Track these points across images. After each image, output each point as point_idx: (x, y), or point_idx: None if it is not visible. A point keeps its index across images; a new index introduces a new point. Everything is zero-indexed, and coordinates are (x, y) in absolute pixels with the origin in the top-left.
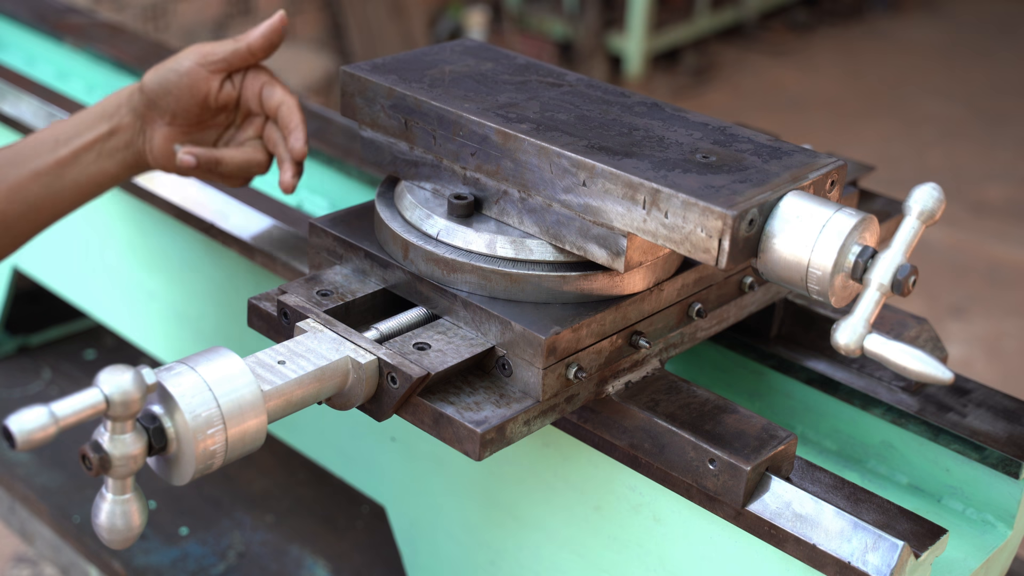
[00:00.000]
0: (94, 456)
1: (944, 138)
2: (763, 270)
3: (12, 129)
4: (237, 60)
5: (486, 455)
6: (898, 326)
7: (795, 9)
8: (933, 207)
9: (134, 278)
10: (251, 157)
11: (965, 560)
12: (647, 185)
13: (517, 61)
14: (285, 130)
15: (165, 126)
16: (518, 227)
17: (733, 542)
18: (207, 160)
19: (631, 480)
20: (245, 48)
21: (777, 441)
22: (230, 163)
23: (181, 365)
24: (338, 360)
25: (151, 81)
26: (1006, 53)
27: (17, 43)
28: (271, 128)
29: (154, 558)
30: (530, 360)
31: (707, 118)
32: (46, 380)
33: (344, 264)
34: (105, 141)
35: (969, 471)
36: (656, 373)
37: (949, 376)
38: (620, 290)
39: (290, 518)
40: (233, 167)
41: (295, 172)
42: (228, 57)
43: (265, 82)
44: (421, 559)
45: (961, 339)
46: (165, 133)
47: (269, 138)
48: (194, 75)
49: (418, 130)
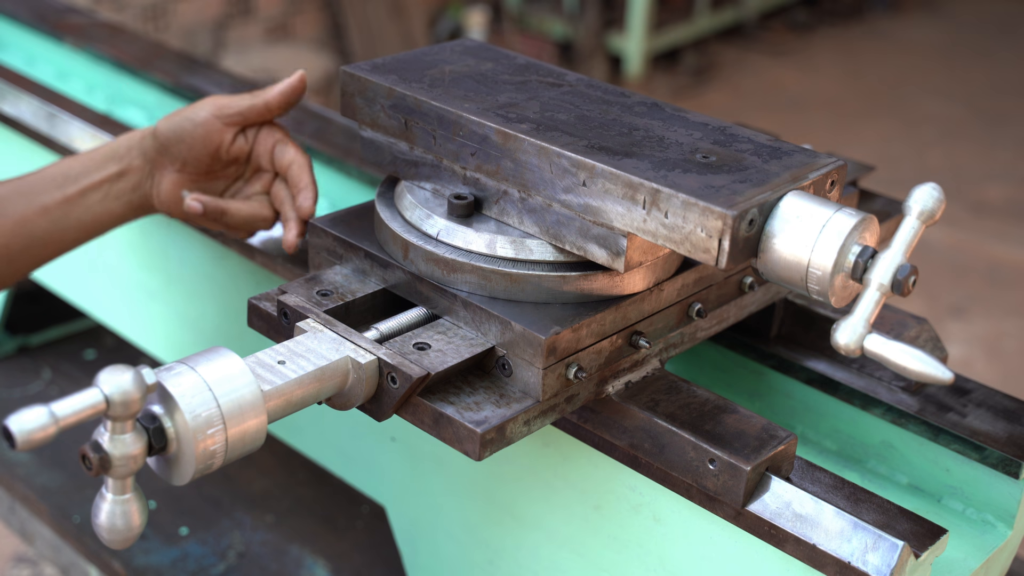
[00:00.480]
0: (94, 456)
1: (944, 138)
2: (763, 270)
3: (12, 129)
4: (253, 115)
5: (486, 455)
6: (898, 326)
7: (795, 9)
8: (933, 207)
9: (134, 278)
10: (257, 212)
11: (965, 560)
12: (647, 185)
13: (517, 61)
14: (295, 188)
15: (175, 172)
16: (518, 227)
17: (733, 542)
18: (213, 209)
19: (631, 480)
20: (262, 104)
21: (777, 441)
22: (236, 215)
23: (181, 365)
24: (338, 360)
25: (165, 127)
26: (1006, 53)
27: (17, 43)
28: (279, 186)
29: (154, 558)
30: (530, 360)
31: (707, 118)
32: (46, 380)
33: (344, 264)
34: (114, 182)
35: (969, 471)
36: (656, 373)
37: (949, 376)
38: (620, 290)
39: (290, 518)
40: (239, 220)
41: (299, 232)
42: (244, 111)
43: (278, 139)
44: (421, 559)
45: (961, 339)
46: (174, 179)
47: (276, 195)
48: (209, 126)
49: (418, 130)
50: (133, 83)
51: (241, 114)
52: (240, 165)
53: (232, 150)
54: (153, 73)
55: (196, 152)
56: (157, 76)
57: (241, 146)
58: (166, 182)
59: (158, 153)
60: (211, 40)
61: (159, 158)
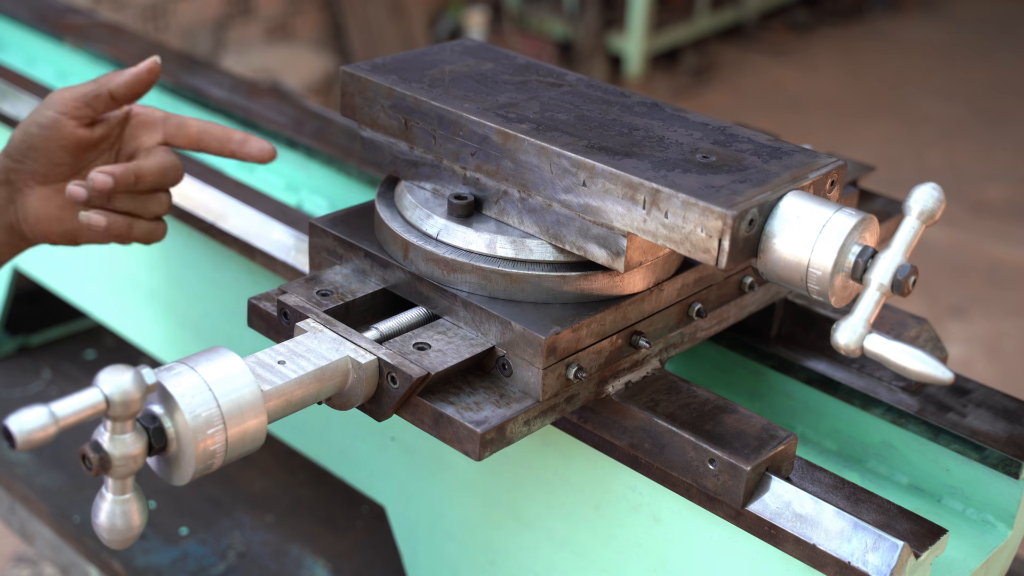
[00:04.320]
0: (94, 456)
1: (944, 138)
2: (763, 270)
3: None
4: (100, 104)
5: (486, 455)
6: (898, 326)
7: (795, 9)
8: (933, 207)
9: (134, 278)
10: (166, 160)
11: (965, 560)
12: (647, 185)
13: (517, 61)
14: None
15: (38, 186)
16: (518, 227)
17: (733, 542)
18: (124, 175)
19: (631, 480)
20: (107, 93)
21: (777, 441)
22: (149, 172)
23: (181, 365)
24: (338, 360)
25: (13, 140)
26: (1006, 53)
27: (17, 43)
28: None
29: (154, 558)
30: (530, 360)
31: (707, 118)
32: (46, 380)
33: (344, 264)
34: None
35: (969, 471)
36: (656, 373)
37: (949, 376)
38: (620, 290)
39: (290, 518)
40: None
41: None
42: (89, 102)
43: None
44: (421, 559)
45: (961, 339)
46: (41, 194)
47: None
48: (57, 126)
49: (418, 130)
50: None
51: (88, 105)
52: (106, 148)
53: (94, 137)
54: None
55: (54, 157)
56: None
57: (103, 131)
58: (32, 201)
59: (12, 172)
60: (211, 40)
61: (15, 176)
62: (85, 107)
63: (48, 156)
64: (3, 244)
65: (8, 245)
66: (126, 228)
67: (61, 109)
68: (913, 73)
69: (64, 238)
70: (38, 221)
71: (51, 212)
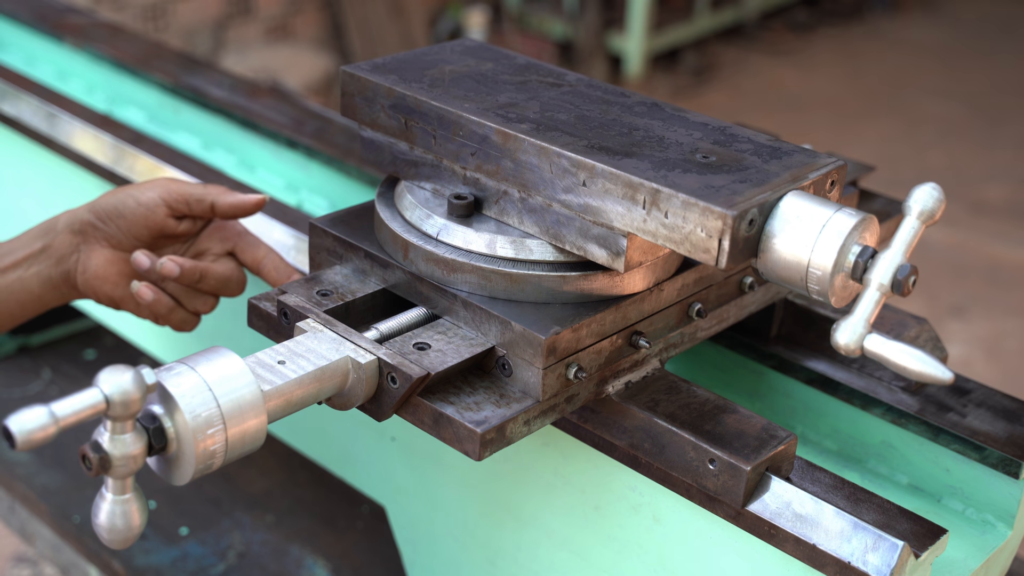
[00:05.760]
0: (94, 456)
1: (944, 138)
2: (763, 270)
3: (12, 129)
4: (198, 209)
5: (486, 455)
6: (898, 326)
7: (795, 9)
8: (933, 207)
9: None
10: (233, 272)
11: (965, 560)
12: (647, 185)
13: (517, 61)
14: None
15: (107, 248)
16: (518, 227)
17: (733, 542)
18: (190, 271)
19: (631, 480)
20: (209, 204)
21: (777, 441)
22: (213, 277)
23: (181, 365)
24: (338, 360)
25: (105, 201)
26: (1006, 53)
27: (17, 43)
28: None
29: (154, 558)
30: (530, 360)
31: (707, 118)
32: (46, 380)
33: (344, 264)
34: (35, 258)
35: (969, 471)
36: (656, 373)
37: (949, 376)
38: (620, 290)
39: (290, 518)
40: (216, 282)
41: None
42: (191, 203)
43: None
44: (421, 559)
45: (961, 339)
46: (106, 256)
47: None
48: (153, 208)
49: (418, 130)
50: (133, 83)
51: (187, 204)
52: (182, 243)
53: (179, 231)
54: (153, 73)
55: (136, 231)
56: (157, 76)
57: (189, 228)
58: (96, 258)
59: (91, 227)
60: (211, 40)
61: (92, 232)
62: (184, 204)
63: (131, 229)
64: (54, 288)
65: (57, 291)
66: (166, 311)
67: (164, 196)
68: (913, 73)
69: (110, 300)
70: (95, 278)
71: (109, 274)
